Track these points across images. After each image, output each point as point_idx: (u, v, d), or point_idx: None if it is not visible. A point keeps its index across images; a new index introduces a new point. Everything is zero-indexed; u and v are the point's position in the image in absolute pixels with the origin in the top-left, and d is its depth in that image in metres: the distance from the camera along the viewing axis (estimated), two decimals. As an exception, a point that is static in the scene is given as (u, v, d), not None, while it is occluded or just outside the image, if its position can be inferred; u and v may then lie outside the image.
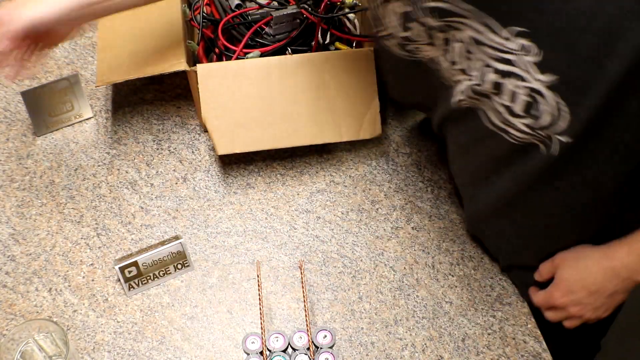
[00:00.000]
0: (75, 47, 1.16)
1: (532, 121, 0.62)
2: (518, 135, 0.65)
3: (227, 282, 0.87)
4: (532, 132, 0.63)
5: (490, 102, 0.65)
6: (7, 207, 0.93)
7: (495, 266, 0.89)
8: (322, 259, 0.89)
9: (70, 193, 0.95)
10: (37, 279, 0.86)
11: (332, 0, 1.06)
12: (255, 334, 0.80)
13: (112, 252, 0.89)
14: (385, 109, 1.07)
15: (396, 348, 0.81)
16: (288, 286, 0.86)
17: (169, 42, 0.96)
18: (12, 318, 0.82)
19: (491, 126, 0.67)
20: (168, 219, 0.93)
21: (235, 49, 0.98)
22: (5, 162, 0.99)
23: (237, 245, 0.90)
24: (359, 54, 0.96)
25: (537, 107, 0.60)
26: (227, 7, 1.04)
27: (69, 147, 1.01)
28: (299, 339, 0.79)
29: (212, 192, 0.96)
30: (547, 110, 0.60)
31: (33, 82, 1.09)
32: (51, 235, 0.90)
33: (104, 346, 0.80)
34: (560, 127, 0.60)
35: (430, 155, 1.02)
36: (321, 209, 0.95)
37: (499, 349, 0.82)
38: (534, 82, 0.59)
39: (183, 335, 0.81)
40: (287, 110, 0.94)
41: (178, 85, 1.09)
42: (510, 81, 0.61)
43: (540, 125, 0.61)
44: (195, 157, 1.00)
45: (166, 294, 0.85)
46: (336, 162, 1.01)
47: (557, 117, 0.59)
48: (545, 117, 0.60)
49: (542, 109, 0.60)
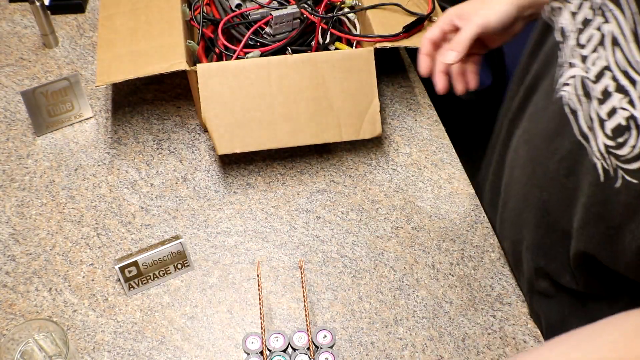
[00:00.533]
0: (75, 47, 1.16)
1: (613, 144, 0.60)
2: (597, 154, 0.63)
3: (227, 282, 0.87)
4: (606, 154, 0.61)
5: (587, 107, 0.63)
6: (7, 207, 0.93)
7: (495, 266, 0.89)
8: (322, 259, 0.89)
9: (70, 193, 0.95)
10: (37, 278, 0.86)
11: (332, 0, 1.06)
12: (255, 334, 0.80)
13: (112, 252, 0.89)
14: (385, 109, 1.08)
15: (396, 348, 0.81)
16: (288, 286, 0.86)
17: (169, 42, 0.96)
18: (12, 318, 0.82)
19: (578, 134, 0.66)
20: (168, 219, 0.93)
21: (235, 49, 0.98)
22: (5, 162, 0.99)
23: (237, 245, 0.90)
24: (359, 54, 0.96)
25: (628, 135, 0.58)
26: (227, 7, 1.04)
27: (69, 147, 1.01)
28: (299, 339, 0.79)
29: (212, 192, 0.96)
30: (631, 144, 0.58)
31: (33, 82, 1.09)
32: (51, 235, 0.90)
33: (104, 346, 0.80)
34: (633, 166, 0.58)
35: (430, 155, 1.02)
36: (321, 208, 0.95)
37: (499, 349, 0.82)
38: (639, 112, 0.57)
39: (183, 335, 0.81)
40: (287, 110, 0.94)
41: (178, 85, 1.09)
42: (620, 97, 0.58)
43: (617, 154, 0.60)
44: (195, 157, 1.00)
45: (166, 294, 0.85)
46: (336, 162, 1.01)
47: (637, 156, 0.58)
48: (626, 149, 0.58)
49: (629, 142, 0.58)
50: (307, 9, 1.01)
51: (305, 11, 1.01)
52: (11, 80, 1.10)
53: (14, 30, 1.19)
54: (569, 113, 0.67)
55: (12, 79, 1.10)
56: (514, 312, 0.85)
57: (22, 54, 1.14)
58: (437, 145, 1.03)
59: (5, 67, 1.12)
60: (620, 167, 0.60)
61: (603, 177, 0.62)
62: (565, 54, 0.68)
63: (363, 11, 1.04)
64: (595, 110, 0.62)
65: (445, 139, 1.05)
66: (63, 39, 1.17)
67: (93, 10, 1.23)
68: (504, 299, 0.86)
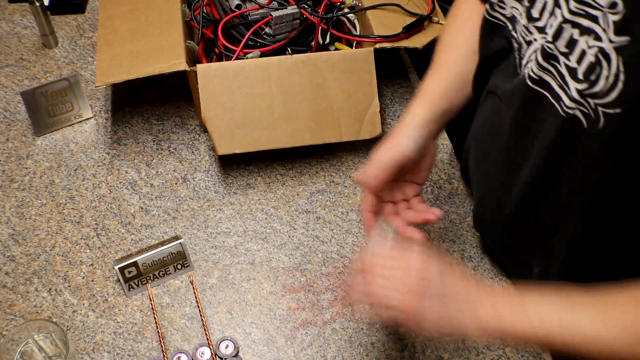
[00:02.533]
0: (75, 47, 1.16)
1: (586, 86, 0.61)
2: (568, 103, 0.64)
3: (227, 282, 0.87)
4: (581, 99, 0.62)
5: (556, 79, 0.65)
6: (7, 208, 0.93)
7: (495, 266, 0.89)
8: (322, 260, 0.89)
9: (70, 193, 0.95)
10: (37, 279, 0.86)
11: (332, 0, 1.06)
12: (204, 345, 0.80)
13: (112, 252, 0.89)
14: (385, 110, 1.08)
15: (396, 348, 0.81)
16: (288, 286, 0.86)
17: (169, 42, 0.96)
18: (11, 318, 0.82)
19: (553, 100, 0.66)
20: (168, 219, 0.93)
21: (235, 49, 0.98)
22: (5, 162, 0.99)
23: (237, 246, 0.90)
24: (359, 54, 0.96)
25: (599, 71, 0.59)
26: (227, 7, 1.04)
27: (68, 147, 1.01)
28: (201, 355, 0.79)
29: (212, 192, 0.96)
30: (605, 76, 0.59)
31: (33, 82, 1.09)
32: (51, 236, 0.90)
33: (104, 346, 0.80)
34: (610, 97, 0.59)
35: (430, 155, 1.02)
36: (321, 209, 0.95)
37: (499, 349, 0.81)
38: (606, 43, 0.58)
39: (183, 336, 0.81)
40: (287, 110, 0.94)
41: (178, 86, 1.09)
42: (585, 38, 0.60)
43: (592, 92, 0.61)
44: (195, 157, 1.00)
45: (166, 294, 0.85)
46: (336, 162, 1.01)
47: (613, 85, 0.59)
48: (600, 83, 0.60)
49: (602, 74, 0.59)
50: (307, 9, 1.01)
51: (305, 11, 1.01)
52: (11, 80, 1.10)
53: (14, 31, 1.19)
54: (541, 88, 0.68)
55: (12, 79, 1.10)
56: (514, 313, 0.85)
57: (22, 54, 1.14)
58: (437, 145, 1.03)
59: (5, 67, 1.12)
60: (599, 105, 0.61)
61: (586, 123, 0.63)
62: (519, 38, 0.70)
63: (363, 11, 1.04)
64: (564, 65, 0.64)
65: (445, 139, 1.05)
66: (63, 39, 1.17)
67: (93, 11, 1.23)
68: (504, 300, 0.86)
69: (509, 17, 0.73)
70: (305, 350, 0.81)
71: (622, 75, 0.58)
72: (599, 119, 0.61)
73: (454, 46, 0.84)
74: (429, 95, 0.78)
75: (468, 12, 0.84)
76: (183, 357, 0.78)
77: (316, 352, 0.80)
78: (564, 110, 0.65)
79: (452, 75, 0.81)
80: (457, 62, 0.82)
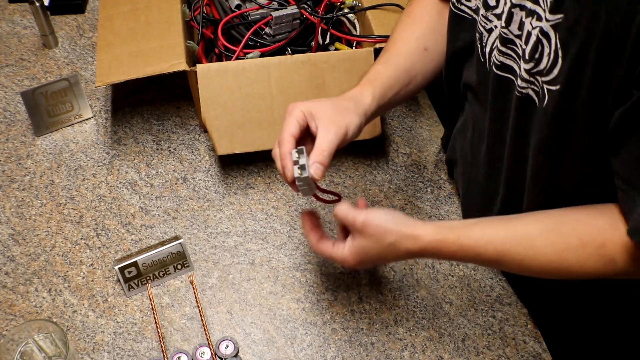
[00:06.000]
0: (75, 47, 1.16)
1: (532, 65, 0.63)
2: (520, 83, 0.66)
3: (227, 282, 0.87)
4: (531, 78, 0.64)
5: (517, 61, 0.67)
6: (6, 208, 0.93)
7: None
8: (322, 260, 0.89)
9: (70, 193, 0.95)
10: (36, 279, 0.86)
11: (332, 0, 1.06)
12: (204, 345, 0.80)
13: (111, 252, 0.89)
14: (385, 109, 1.08)
15: (396, 348, 0.81)
16: (288, 287, 0.86)
17: (169, 42, 0.96)
18: (11, 318, 0.82)
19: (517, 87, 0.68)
20: (168, 220, 0.93)
21: (235, 49, 0.98)
22: (5, 162, 0.99)
23: (236, 246, 0.90)
24: (359, 54, 0.96)
25: (541, 49, 0.62)
26: (227, 7, 1.04)
27: (68, 147, 1.01)
28: (201, 355, 0.78)
29: (212, 192, 0.96)
30: (547, 53, 0.61)
31: (33, 82, 1.09)
32: (51, 236, 0.90)
33: (104, 347, 0.80)
34: (552, 74, 0.62)
35: (430, 155, 1.02)
36: (321, 209, 0.95)
37: (499, 349, 0.82)
38: (544, 22, 0.61)
39: (183, 336, 0.81)
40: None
41: (178, 86, 1.09)
42: (530, 20, 0.63)
43: (538, 70, 0.63)
44: (195, 158, 1.00)
45: (166, 294, 0.85)
46: (336, 162, 1.01)
47: (554, 62, 0.61)
48: (544, 61, 0.62)
49: (544, 52, 0.62)
50: (307, 10, 1.01)
51: (305, 12, 1.01)
52: (11, 80, 1.10)
53: (14, 31, 1.19)
54: (507, 73, 0.70)
55: (11, 79, 1.10)
56: (513, 313, 0.85)
57: (21, 55, 1.14)
58: (437, 146, 1.03)
59: (5, 67, 1.12)
60: (544, 83, 0.63)
61: (538, 102, 0.65)
62: (480, 27, 0.72)
63: (363, 12, 1.04)
64: (520, 47, 0.66)
65: (445, 139, 1.05)
66: (63, 40, 1.17)
67: (93, 11, 1.23)
68: (504, 300, 0.86)
69: (474, 9, 0.76)
70: (305, 350, 0.81)
71: (560, 51, 0.60)
72: (545, 96, 0.64)
73: (406, 40, 0.84)
74: (380, 88, 0.78)
75: (423, 8, 0.86)
76: (183, 357, 0.78)
77: (316, 352, 0.80)
78: (518, 90, 0.67)
79: (400, 71, 0.81)
80: (407, 57, 0.83)
